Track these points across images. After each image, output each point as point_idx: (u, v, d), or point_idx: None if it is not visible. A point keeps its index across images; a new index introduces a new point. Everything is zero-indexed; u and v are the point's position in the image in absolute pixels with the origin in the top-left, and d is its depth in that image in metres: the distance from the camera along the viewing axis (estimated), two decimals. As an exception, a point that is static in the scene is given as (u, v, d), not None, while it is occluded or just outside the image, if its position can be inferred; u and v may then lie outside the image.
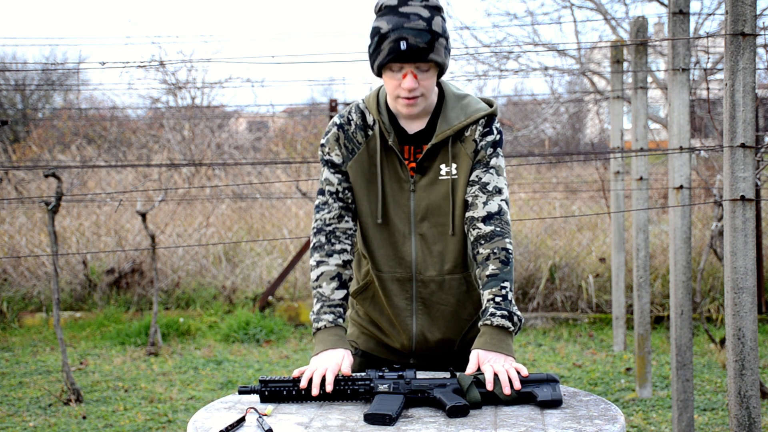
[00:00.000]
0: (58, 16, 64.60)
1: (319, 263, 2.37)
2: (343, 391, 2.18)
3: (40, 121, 16.23)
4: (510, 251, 2.29)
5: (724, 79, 2.77)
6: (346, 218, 2.39)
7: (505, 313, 2.24)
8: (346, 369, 2.24)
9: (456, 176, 2.36)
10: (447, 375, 2.26)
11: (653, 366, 6.11)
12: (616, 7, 22.16)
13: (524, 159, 13.91)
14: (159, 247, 7.90)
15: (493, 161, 2.36)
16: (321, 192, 2.42)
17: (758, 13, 8.25)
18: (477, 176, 2.36)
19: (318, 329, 2.31)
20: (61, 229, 8.89)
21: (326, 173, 2.41)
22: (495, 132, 2.37)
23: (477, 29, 15.87)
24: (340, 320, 2.32)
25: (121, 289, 8.25)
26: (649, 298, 6.46)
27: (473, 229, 2.33)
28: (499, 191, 2.34)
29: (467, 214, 2.36)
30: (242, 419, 2.06)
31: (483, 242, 2.31)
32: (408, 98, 2.28)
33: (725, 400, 5.24)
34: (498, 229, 2.31)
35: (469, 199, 2.35)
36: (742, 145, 2.78)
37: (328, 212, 2.39)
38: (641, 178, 5.51)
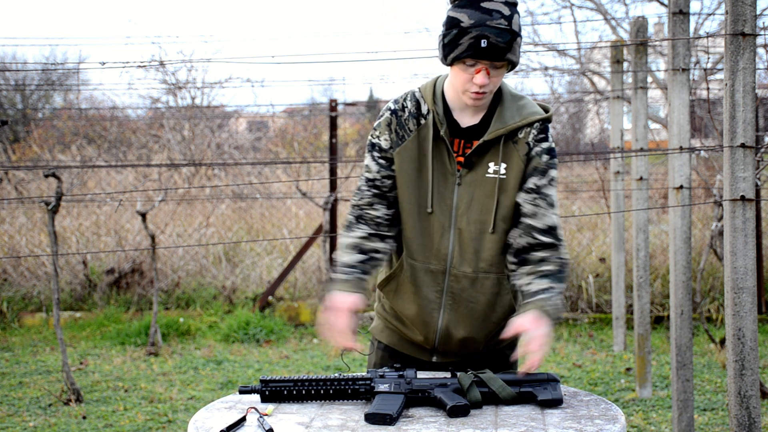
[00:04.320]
0: (58, 16, 64.60)
1: (344, 238, 2.43)
2: (343, 391, 2.18)
3: (40, 121, 16.24)
4: (566, 262, 2.37)
5: (724, 79, 2.77)
6: (376, 205, 2.41)
7: (559, 306, 2.31)
8: (354, 308, 2.31)
9: (504, 176, 2.36)
10: (447, 375, 2.26)
11: (653, 366, 6.11)
12: (616, 7, 22.16)
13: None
14: (159, 247, 7.90)
15: (552, 172, 2.38)
16: (361, 177, 2.46)
17: (758, 13, 8.25)
18: (536, 185, 2.37)
19: (332, 287, 2.37)
20: (61, 229, 8.89)
21: (368, 159, 2.44)
22: (550, 139, 2.39)
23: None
24: (353, 276, 2.36)
25: (121, 289, 8.25)
26: (649, 298, 6.47)
27: (530, 238, 2.36)
28: (555, 205, 2.39)
29: (526, 221, 2.36)
30: (243, 419, 2.06)
31: (539, 249, 2.35)
32: (477, 92, 2.30)
33: (725, 400, 5.24)
34: (555, 241, 2.36)
35: (527, 207, 2.36)
36: (742, 145, 2.78)
37: (360, 198, 2.44)
38: (641, 178, 5.51)
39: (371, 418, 2.02)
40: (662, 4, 11.73)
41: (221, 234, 9.27)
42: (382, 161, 2.41)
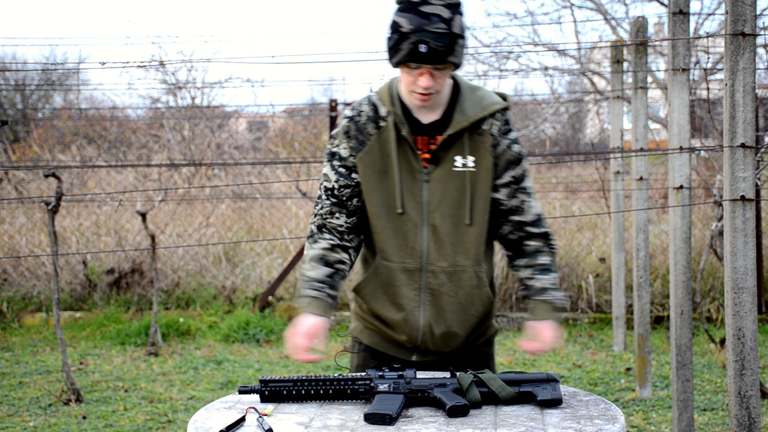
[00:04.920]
0: (58, 16, 64.60)
1: (309, 250, 2.44)
2: (343, 391, 2.18)
3: (40, 121, 16.24)
4: (556, 247, 2.52)
5: (724, 79, 2.77)
6: (337, 214, 2.43)
7: (563, 299, 2.48)
8: (318, 334, 2.34)
9: (474, 169, 2.39)
10: (447, 375, 2.26)
11: (653, 366, 6.11)
12: (616, 7, 22.15)
13: (524, 159, 13.87)
14: (159, 247, 7.90)
15: (525, 162, 2.45)
16: (320, 187, 2.47)
17: (758, 13, 8.24)
18: (513, 177, 2.43)
19: (301, 305, 2.38)
20: (61, 229, 8.89)
21: (326, 168, 2.45)
22: (513, 128, 2.45)
23: (477, 29, 15.89)
24: (323, 294, 2.38)
25: (121, 289, 8.25)
26: (649, 298, 6.46)
27: (521, 232, 2.45)
28: (535, 193, 2.47)
29: (514, 218, 2.44)
30: (242, 419, 2.06)
31: (533, 239, 2.47)
32: (422, 94, 2.32)
33: (725, 400, 5.24)
34: (545, 230, 2.47)
35: (511, 202, 2.43)
36: (742, 145, 2.78)
37: (321, 208, 2.45)
38: (641, 178, 5.51)
39: (371, 418, 2.02)
40: (662, 4, 11.72)
41: (221, 234, 9.27)
42: (341, 170, 2.42)
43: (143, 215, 7.02)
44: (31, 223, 9.27)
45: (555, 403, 2.13)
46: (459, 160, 2.38)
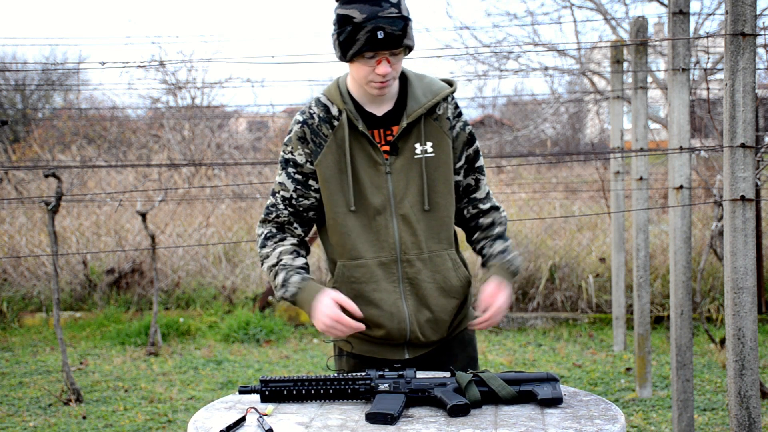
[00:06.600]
0: (58, 16, 64.60)
1: (275, 246, 2.43)
2: (343, 391, 2.18)
3: (40, 121, 16.25)
4: (506, 218, 2.57)
5: (724, 79, 2.77)
6: (295, 224, 2.46)
7: (519, 259, 2.51)
8: (346, 301, 2.33)
9: (432, 154, 2.42)
10: (447, 374, 2.26)
11: (653, 366, 6.11)
12: (616, 7, 22.14)
13: (524, 159, 13.90)
14: (159, 247, 7.90)
15: (476, 143, 2.51)
16: (273, 194, 2.46)
17: (758, 13, 8.24)
18: (469, 157, 2.49)
19: (296, 291, 2.36)
20: (61, 229, 8.89)
21: (282, 177, 2.44)
22: (461, 111, 2.52)
23: (477, 29, 15.91)
24: (309, 275, 2.40)
25: (121, 289, 8.25)
26: (649, 298, 6.46)
27: (475, 209, 2.52)
28: (485, 171, 2.55)
29: (470, 196, 2.51)
30: (243, 419, 2.06)
31: (485, 215, 2.53)
32: (381, 82, 2.34)
33: (725, 400, 5.24)
34: (494, 204, 2.55)
35: (467, 181, 2.50)
36: (742, 145, 2.78)
37: (277, 216, 2.45)
38: (641, 178, 5.51)
39: (372, 418, 2.02)
40: (662, 4, 11.72)
41: (221, 234, 9.27)
42: (298, 177, 2.43)
43: (143, 215, 7.02)
44: (31, 223, 9.27)
45: (555, 401, 2.13)
46: (418, 148, 2.41)
